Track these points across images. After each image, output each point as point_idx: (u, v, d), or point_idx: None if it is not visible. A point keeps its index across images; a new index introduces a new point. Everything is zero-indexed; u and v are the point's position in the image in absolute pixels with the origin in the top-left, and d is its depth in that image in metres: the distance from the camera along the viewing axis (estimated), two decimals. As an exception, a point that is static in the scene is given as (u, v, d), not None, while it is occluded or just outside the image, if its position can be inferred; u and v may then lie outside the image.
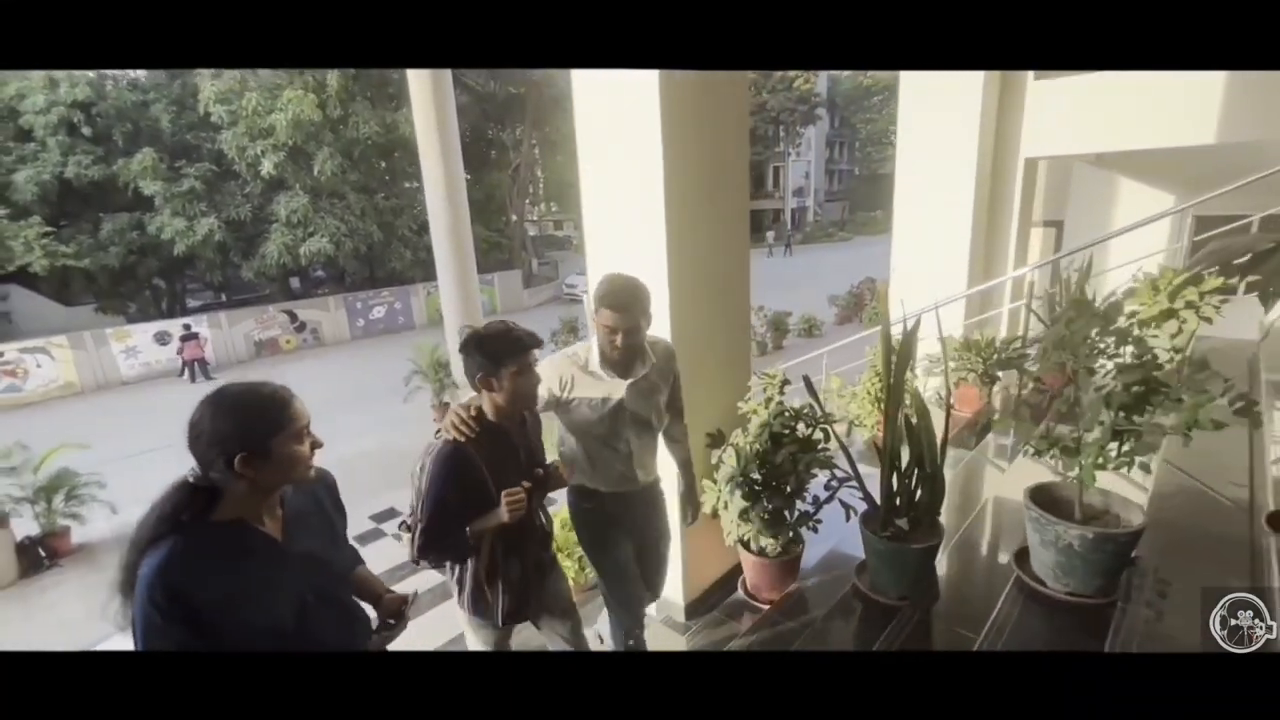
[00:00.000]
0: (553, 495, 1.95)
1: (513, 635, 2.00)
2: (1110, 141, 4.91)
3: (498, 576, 1.75)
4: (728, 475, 2.40)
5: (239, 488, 1.09)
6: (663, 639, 2.69)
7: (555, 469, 1.83)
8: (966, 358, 3.98)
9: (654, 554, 2.30)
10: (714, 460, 2.54)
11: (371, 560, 1.57)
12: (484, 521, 1.64)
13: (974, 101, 4.86)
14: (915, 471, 1.85)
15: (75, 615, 4.98)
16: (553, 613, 1.97)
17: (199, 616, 1.01)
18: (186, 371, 13.29)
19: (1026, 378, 3.60)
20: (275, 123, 14.52)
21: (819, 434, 2.44)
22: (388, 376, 10.27)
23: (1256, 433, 2.36)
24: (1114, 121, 4.70)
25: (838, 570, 2.21)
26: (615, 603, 2.20)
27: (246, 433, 1.06)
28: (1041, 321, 3.52)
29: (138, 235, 15.55)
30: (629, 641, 2.20)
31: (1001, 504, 2.53)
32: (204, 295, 20.37)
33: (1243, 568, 1.62)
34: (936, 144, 5.13)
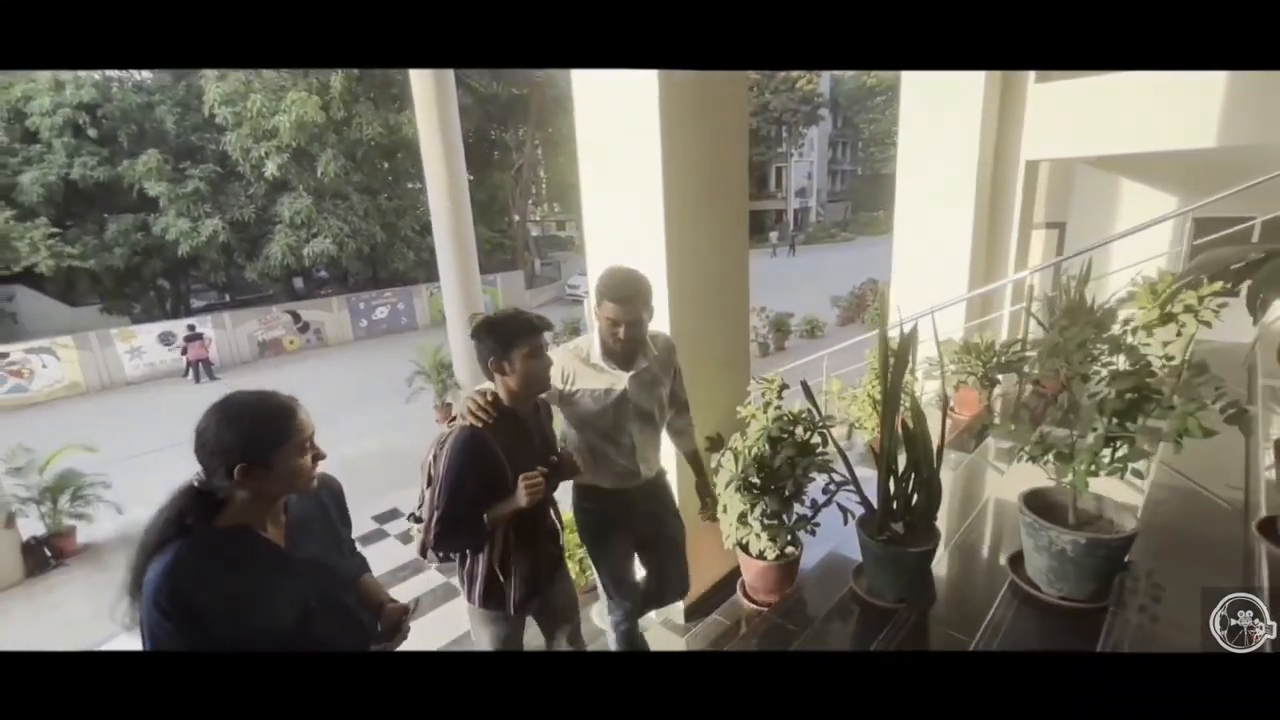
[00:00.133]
0: (557, 496, 1.97)
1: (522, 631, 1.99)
2: (1111, 145, 4.91)
3: (511, 565, 1.74)
4: (726, 479, 2.42)
5: (242, 495, 1.10)
6: (662, 640, 2.72)
7: (569, 455, 1.85)
8: (966, 361, 3.98)
9: (665, 550, 2.27)
10: (713, 464, 2.57)
11: (374, 560, 1.59)
12: (501, 507, 1.64)
13: (975, 104, 4.87)
14: (912, 476, 1.87)
15: (81, 615, 5.02)
16: (557, 609, 1.99)
17: (203, 621, 1.02)
18: (191, 372, 13.37)
19: (1026, 381, 3.61)
20: (279, 124, 14.55)
21: (817, 438, 2.46)
22: (391, 377, 10.30)
23: (1252, 437, 2.36)
24: (1114, 124, 4.70)
25: (836, 573, 2.22)
26: (613, 604, 2.23)
27: (249, 444, 1.07)
28: (1041, 325, 3.53)
29: (143, 236, 15.62)
30: (620, 629, 2.23)
31: (1000, 507, 2.54)
32: (208, 296, 20.43)
33: (1235, 572, 1.63)
34: (937, 146, 5.14)
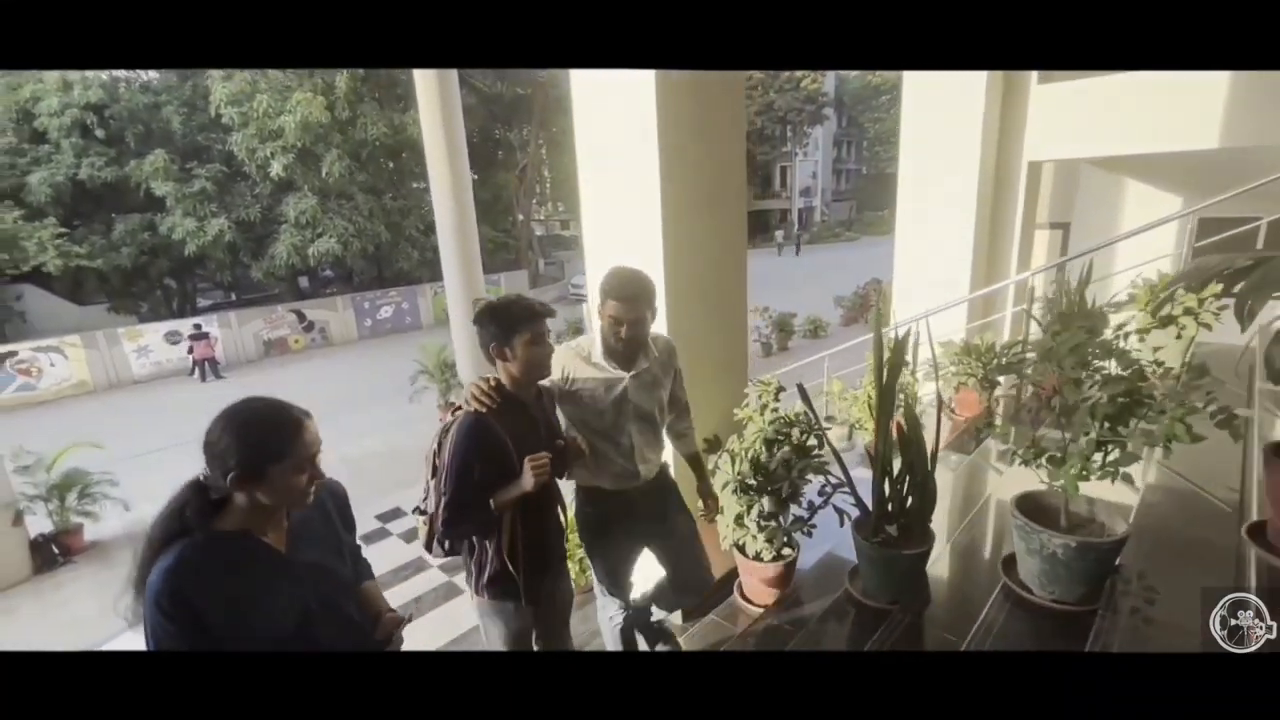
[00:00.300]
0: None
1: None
2: (1113, 146, 4.89)
3: (520, 553, 1.75)
4: (723, 481, 2.43)
5: (241, 500, 1.11)
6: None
7: (574, 440, 1.87)
8: (966, 362, 3.98)
9: (677, 547, 2.24)
10: (710, 466, 2.58)
11: (376, 559, 1.59)
12: (508, 492, 1.66)
13: (977, 105, 4.86)
14: (906, 478, 1.88)
15: (88, 611, 5.08)
16: (557, 607, 2.02)
17: (204, 623, 1.04)
18: (197, 371, 13.48)
19: (1025, 383, 3.61)
20: (285, 124, 14.65)
21: (813, 440, 2.47)
22: (395, 376, 10.36)
23: (1249, 440, 2.36)
24: (1117, 126, 4.68)
25: (833, 574, 2.23)
26: (607, 600, 2.26)
27: (247, 454, 1.08)
28: (1041, 327, 3.53)
29: (149, 236, 15.76)
30: (614, 625, 2.25)
31: (998, 508, 2.55)
32: (214, 295, 20.57)
33: (1227, 575, 1.64)
34: (939, 147, 5.14)
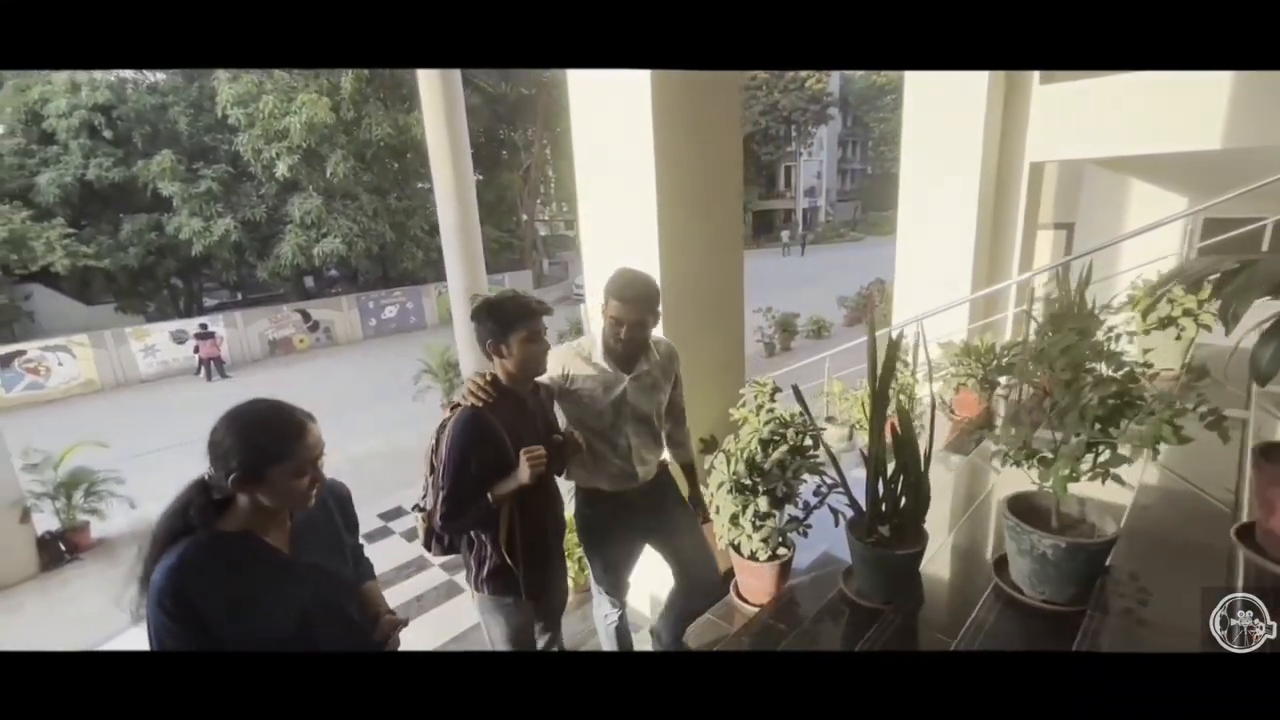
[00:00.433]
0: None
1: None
2: (1115, 146, 4.88)
3: (518, 547, 1.76)
4: (718, 480, 2.45)
5: (244, 500, 1.12)
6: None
7: (571, 435, 1.88)
8: (966, 363, 3.98)
9: (681, 544, 2.24)
10: (706, 466, 2.59)
11: (379, 557, 1.61)
12: (505, 484, 1.67)
13: (979, 105, 4.85)
14: (900, 479, 1.89)
15: (95, 609, 5.12)
16: (554, 604, 2.05)
17: (205, 622, 1.05)
18: (203, 370, 13.57)
19: (1021, 384, 3.61)
20: (290, 125, 14.75)
21: (808, 440, 2.48)
22: (399, 376, 10.42)
23: (1245, 439, 2.36)
24: (1118, 126, 4.67)
25: (828, 574, 2.24)
26: (601, 599, 2.28)
27: (247, 456, 1.08)
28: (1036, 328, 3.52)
29: (156, 236, 15.89)
30: (608, 623, 2.27)
31: (996, 509, 2.55)
32: (220, 295, 20.72)
33: (1218, 577, 1.64)
34: (941, 148, 5.13)
